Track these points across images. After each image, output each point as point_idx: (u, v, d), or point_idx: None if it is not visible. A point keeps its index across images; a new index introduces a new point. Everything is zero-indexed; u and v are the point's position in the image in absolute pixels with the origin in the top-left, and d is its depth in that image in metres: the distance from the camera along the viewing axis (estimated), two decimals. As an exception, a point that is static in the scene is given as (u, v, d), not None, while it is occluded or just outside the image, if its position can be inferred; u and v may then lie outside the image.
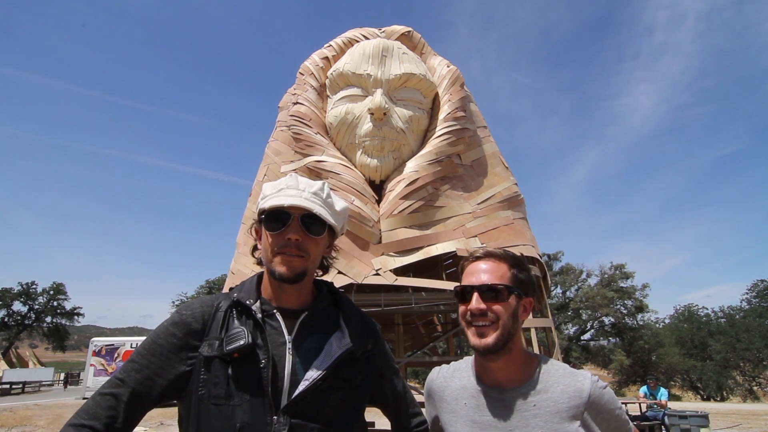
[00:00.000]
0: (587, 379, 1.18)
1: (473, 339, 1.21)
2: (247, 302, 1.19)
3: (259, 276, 1.30)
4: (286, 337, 1.17)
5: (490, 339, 1.18)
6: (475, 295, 1.23)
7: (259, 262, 1.30)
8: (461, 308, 1.28)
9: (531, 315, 5.68)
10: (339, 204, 1.28)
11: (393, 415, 1.35)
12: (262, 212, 1.23)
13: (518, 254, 1.31)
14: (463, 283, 1.30)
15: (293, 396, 1.09)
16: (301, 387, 1.10)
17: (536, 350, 5.42)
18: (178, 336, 1.14)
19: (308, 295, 1.28)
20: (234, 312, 1.19)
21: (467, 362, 1.37)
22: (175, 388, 1.12)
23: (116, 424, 1.05)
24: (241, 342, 1.11)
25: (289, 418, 1.07)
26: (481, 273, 1.26)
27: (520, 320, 1.25)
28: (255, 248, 1.33)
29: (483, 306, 1.20)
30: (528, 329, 5.18)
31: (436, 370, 1.42)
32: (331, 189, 1.28)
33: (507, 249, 1.36)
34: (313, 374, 1.11)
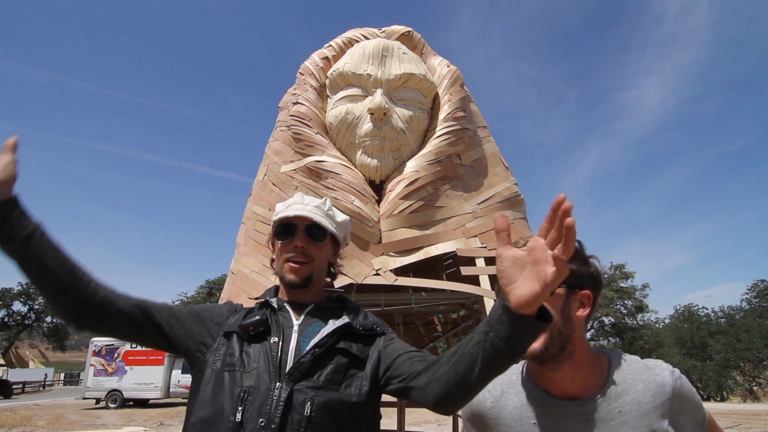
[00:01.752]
0: (665, 371, 1.07)
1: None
2: (267, 297, 1.41)
3: (276, 286, 1.51)
4: (294, 322, 1.33)
5: (537, 344, 1.02)
6: None
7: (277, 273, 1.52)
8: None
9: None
10: (340, 216, 1.49)
11: (407, 370, 1.21)
12: (274, 226, 1.45)
13: (577, 242, 1.11)
14: None
15: (294, 363, 1.22)
16: (302, 357, 1.23)
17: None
18: (211, 311, 1.38)
19: (317, 297, 1.45)
20: (254, 308, 1.40)
21: (516, 374, 1.20)
22: (186, 344, 1.30)
23: (116, 298, 1.24)
24: (257, 317, 1.30)
25: (291, 384, 1.18)
26: None
27: (575, 318, 1.07)
28: (273, 261, 1.52)
29: None
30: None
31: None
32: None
33: None
34: (311, 344, 1.25)
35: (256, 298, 1.45)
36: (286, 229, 1.41)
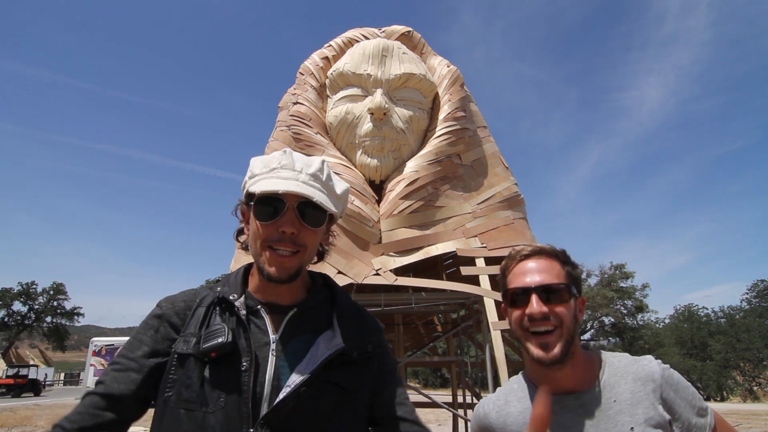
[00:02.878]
0: (653, 362, 1.13)
1: (537, 352, 1.08)
2: (231, 297, 1.05)
3: (247, 267, 1.15)
4: (270, 336, 1.02)
5: (557, 350, 1.07)
6: (534, 297, 1.08)
7: (245, 248, 1.15)
8: (515, 314, 1.13)
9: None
10: (340, 186, 1.13)
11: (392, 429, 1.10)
12: (250, 195, 1.04)
13: (564, 250, 1.19)
14: (513, 285, 1.14)
15: (273, 405, 0.94)
16: (281, 394, 0.94)
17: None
18: (156, 328, 1.04)
19: (300, 289, 1.12)
20: (217, 309, 1.06)
21: (518, 383, 1.24)
22: (151, 385, 1.00)
23: (86, 424, 0.93)
24: (220, 340, 0.96)
25: (268, 431, 0.92)
26: (535, 272, 1.11)
27: (579, 323, 1.15)
28: (240, 232, 1.17)
29: (545, 309, 1.07)
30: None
31: (482, 403, 1.27)
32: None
33: (511, 248, 1.27)
34: (295, 379, 0.96)
35: (216, 286, 1.11)
36: (269, 206, 1.01)
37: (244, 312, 1.03)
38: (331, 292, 1.16)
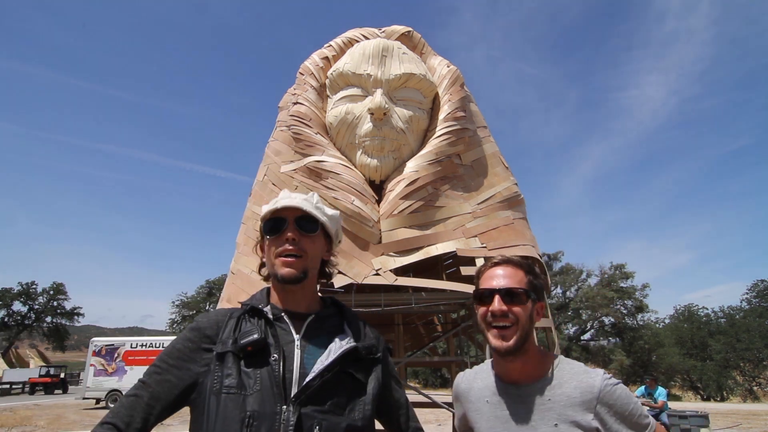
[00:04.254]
0: (599, 376, 1.27)
1: (495, 341, 1.30)
2: (259, 305, 1.30)
3: (269, 289, 1.41)
4: (295, 335, 1.26)
5: (512, 342, 1.28)
6: (497, 298, 1.31)
7: (266, 279, 1.41)
8: (481, 310, 1.36)
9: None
10: (329, 210, 1.40)
11: (395, 426, 1.41)
12: (262, 223, 1.36)
13: (532, 263, 1.43)
14: (482, 287, 1.37)
15: (301, 386, 1.16)
16: (308, 378, 1.17)
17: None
18: (194, 340, 1.25)
19: (313, 300, 1.37)
20: (246, 316, 1.28)
21: (488, 364, 1.49)
22: (191, 390, 1.21)
23: (135, 423, 1.14)
24: (255, 336, 1.19)
25: (298, 407, 1.13)
26: (501, 277, 1.34)
27: (534, 323, 1.35)
28: (262, 265, 1.42)
29: (504, 307, 1.30)
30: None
31: (461, 374, 1.56)
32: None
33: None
34: (319, 366, 1.19)
35: (245, 303, 1.35)
36: (275, 224, 1.32)
37: (271, 315, 1.28)
38: (339, 309, 1.42)
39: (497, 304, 1.30)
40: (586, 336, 33.96)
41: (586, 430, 1.21)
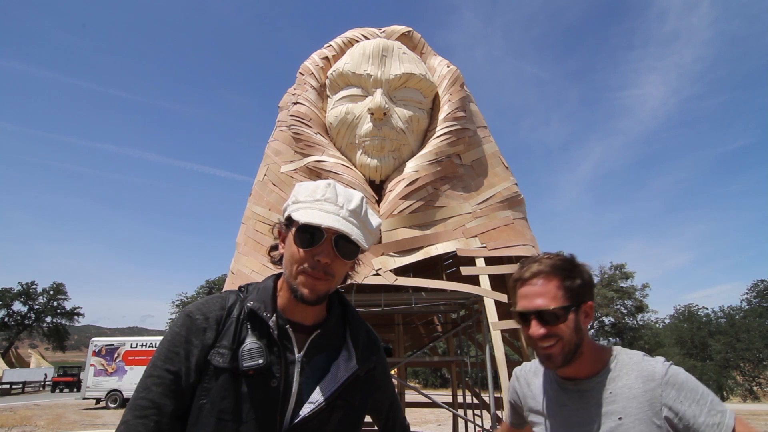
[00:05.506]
0: (659, 362, 1.20)
1: (543, 362, 1.27)
2: (264, 315, 1.14)
3: (276, 281, 1.24)
4: (296, 355, 1.14)
5: (558, 360, 1.22)
6: (533, 322, 1.22)
7: (274, 262, 1.25)
8: (524, 331, 1.28)
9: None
10: (374, 221, 1.21)
11: (383, 423, 1.39)
12: (290, 219, 1.15)
13: (568, 257, 1.29)
14: (518, 309, 1.29)
15: (297, 419, 1.08)
16: (305, 410, 1.09)
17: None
18: (194, 343, 1.10)
19: (322, 309, 1.25)
20: (248, 324, 1.14)
21: None
22: (188, 397, 1.09)
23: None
24: (260, 361, 1.07)
25: None
26: (534, 297, 1.23)
27: (584, 328, 1.25)
28: (274, 248, 1.26)
29: (543, 331, 1.21)
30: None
31: (523, 365, 1.52)
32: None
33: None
34: (317, 397, 1.11)
35: (247, 299, 1.19)
36: (312, 236, 1.11)
37: (276, 333, 1.13)
38: (344, 310, 1.32)
39: (534, 328, 1.22)
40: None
41: (655, 422, 1.12)
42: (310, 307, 1.17)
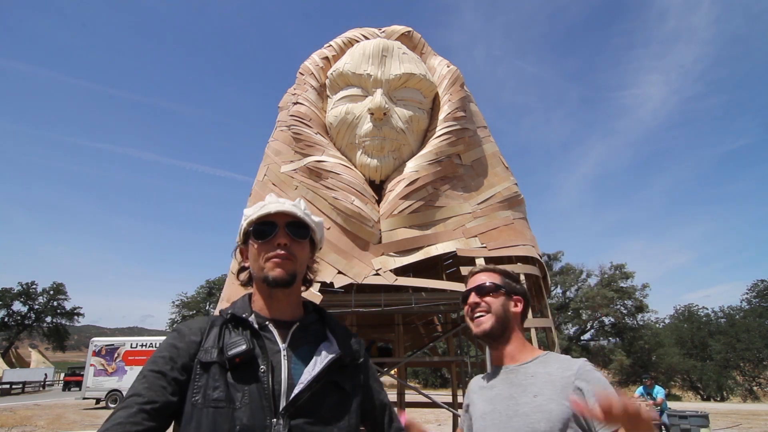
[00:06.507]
0: (579, 360, 1.40)
1: (474, 328, 1.51)
2: (243, 315, 1.26)
3: (250, 295, 1.38)
4: (281, 345, 1.23)
5: (486, 325, 1.48)
6: (472, 294, 1.54)
7: (245, 284, 1.38)
8: (465, 308, 1.56)
9: (531, 315, 5.69)
10: (315, 217, 1.40)
11: (378, 429, 1.41)
12: (248, 227, 1.32)
13: (510, 271, 1.62)
14: (464, 289, 1.60)
15: (290, 398, 1.14)
16: (297, 389, 1.16)
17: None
18: (179, 347, 1.19)
19: (297, 307, 1.36)
20: (229, 326, 1.24)
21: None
22: (178, 395, 1.13)
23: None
24: (243, 347, 1.16)
25: (288, 420, 1.12)
26: (478, 280, 1.58)
27: (512, 312, 1.52)
28: (242, 269, 1.39)
29: (477, 299, 1.52)
30: (528, 329, 5.18)
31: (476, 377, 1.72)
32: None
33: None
34: (307, 377, 1.18)
35: (224, 311, 1.30)
36: (265, 228, 1.29)
37: (256, 325, 1.24)
38: (320, 315, 1.41)
39: (471, 298, 1.53)
40: (586, 336, 33.94)
41: (564, 403, 1.30)
42: (285, 298, 1.30)
